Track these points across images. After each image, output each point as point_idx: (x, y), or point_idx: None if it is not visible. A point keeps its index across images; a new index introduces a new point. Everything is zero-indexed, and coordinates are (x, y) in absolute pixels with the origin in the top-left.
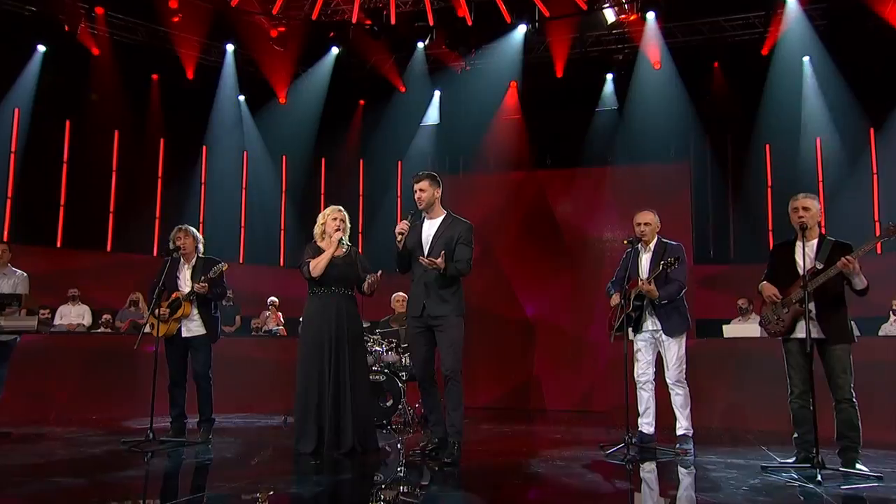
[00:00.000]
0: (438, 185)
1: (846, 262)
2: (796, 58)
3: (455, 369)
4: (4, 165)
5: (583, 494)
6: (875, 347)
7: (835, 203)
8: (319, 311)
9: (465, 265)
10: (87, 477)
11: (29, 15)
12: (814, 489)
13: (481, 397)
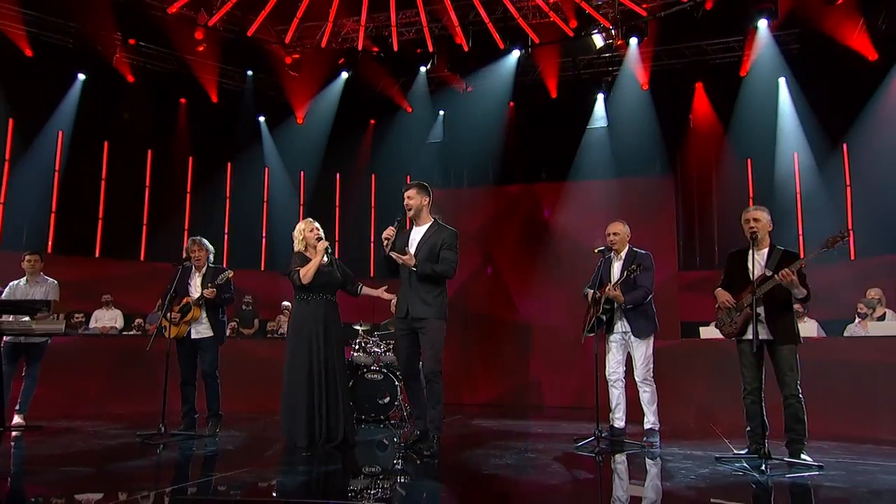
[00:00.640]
0: (426, 194)
1: (784, 274)
2: (772, 78)
3: (434, 371)
4: (49, 183)
5: (538, 484)
6: (836, 348)
7: (811, 213)
8: (307, 316)
9: (446, 266)
10: (96, 466)
11: (70, 47)
12: (755, 477)
13: (481, 395)
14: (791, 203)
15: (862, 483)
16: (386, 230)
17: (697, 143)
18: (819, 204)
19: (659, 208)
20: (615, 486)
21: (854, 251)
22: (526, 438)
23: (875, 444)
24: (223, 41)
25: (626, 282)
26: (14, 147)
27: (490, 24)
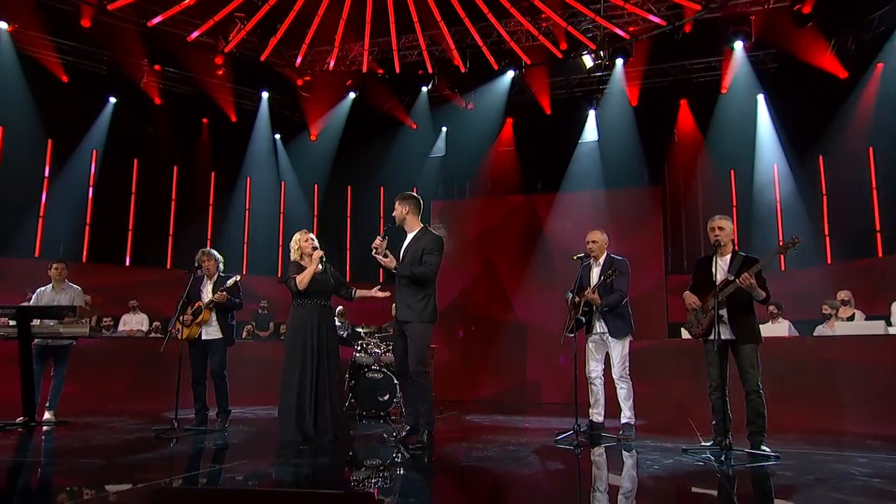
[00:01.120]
0: (408, 204)
1: (743, 278)
2: (751, 95)
3: (417, 371)
4: (84, 197)
5: (510, 473)
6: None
7: (791, 220)
8: (303, 320)
9: (425, 269)
10: (110, 458)
11: (103, 73)
12: (713, 466)
13: (481, 391)
14: (771, 211)
15: (811, 471)
16: (375, 240)
17: (682, 155)
18: (797, 212)
19: (647, 216)
20: (581, 476)
21: (830, 256)
22: (512, 433)
23: (837, 436)
24: (240, 65)
25: (603, 286)
26: (52, 165)
27: (485, 47)
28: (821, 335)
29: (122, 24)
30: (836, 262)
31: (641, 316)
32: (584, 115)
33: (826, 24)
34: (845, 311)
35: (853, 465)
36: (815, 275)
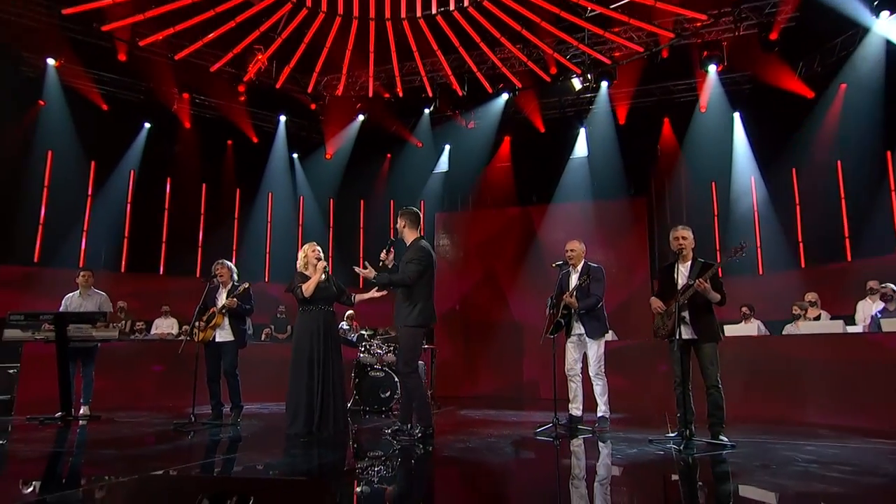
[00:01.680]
0: (405, 219)
1: (698, 283)
2: (727, 113)
3: (402, 371)
4: (123, 212)
5: (484, 462)
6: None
7: (768, 228)
8: (308, 325)
9: (401, 276)
10: (129, 449)
11: (139, 101)
12: (672, 454)
13: (482, 387)
14: (749, 218)
15: (758, 458)
16: (382, 253)
17: (665, 168)
18: (773, 219)
19: (633, 225)
20: (545, 463)
21: (803, 260)
22: (498, 426)
23: (796, 427)
24: (258, 92)
25: (580, 290)
26: (94, 185)
27: (479, 73)
28: (788, 334)
29: (154, 57)
30: (809, 266)
31: (628, 317)
32: (576, 132)
33: (794, 49)
34: (812, 311)
35: (799, 453)
36: (790, 277)
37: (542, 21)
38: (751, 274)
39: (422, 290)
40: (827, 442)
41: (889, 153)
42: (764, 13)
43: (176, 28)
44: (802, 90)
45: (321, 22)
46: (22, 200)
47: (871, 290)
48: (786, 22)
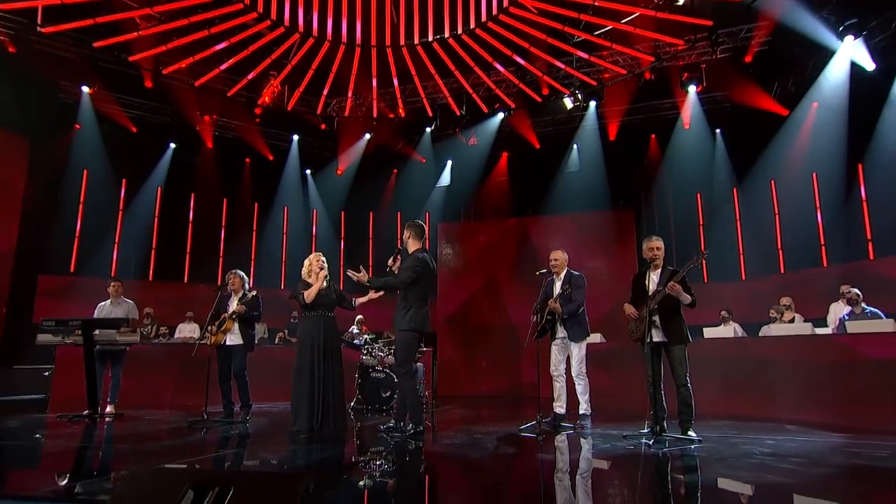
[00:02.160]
0: (410, 231)
1: (670, 286)
2: (710, 129)
3: (397, 372)
4: (150, 226)
5: (462, 456)
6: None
7: (749, 235)
8: (310, 329)
9: (394, 280)
10: (145, 444)
11: (165, 123)
12: (641, 448)
13: (483, 387)
14: (732, 228)
15: (720, 451)
16: (389, 260)
17: (653, 181)
18: (755, 229)
19: (622, 235)
20: (523, 457)
21: (783, 266)
22: (487, 422)
23: (764, 422)
24: (272, 113)
25: (563, 297)
26: (125, 200)
27: (475, 95)
28: (762, 336)
29: (177, 84)
30: (788, 272)
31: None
32: (569, 148)
33: (769, 70)
34: (788, 314)
35: (759, 447)
36: (770, 282)
37: (532, 47)
38: (734, 279)
39: (416, 297)
40: (788, 437)
41: (860, 165)
42: (739, 38)
43: (195, 57)
44: (777, 108)
45: (327, 50)
46: (59, 215)
47: (843, 294)
48: (759, 46)
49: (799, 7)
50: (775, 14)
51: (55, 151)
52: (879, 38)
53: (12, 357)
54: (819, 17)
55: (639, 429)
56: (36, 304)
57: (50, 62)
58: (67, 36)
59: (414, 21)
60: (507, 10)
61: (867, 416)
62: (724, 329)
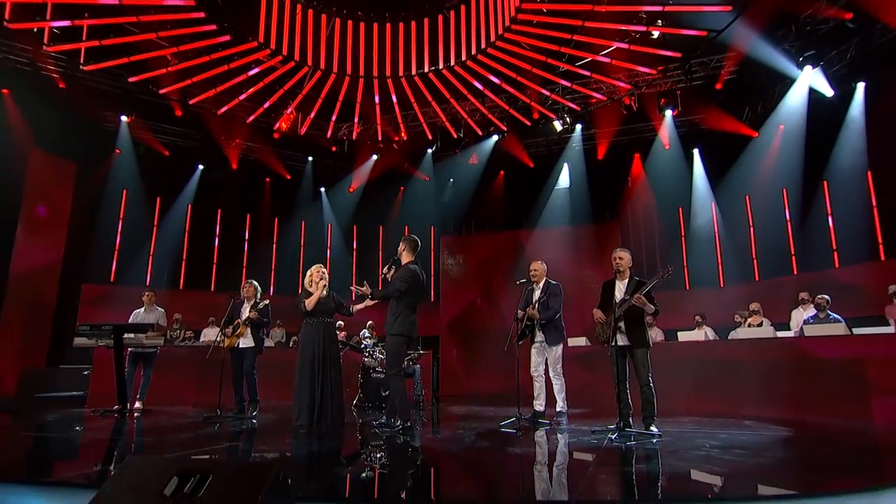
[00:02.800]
0: (404, 244)
1: (636, 298)
2: (688, 149)
3: (388, 373)
4: (181, 239)
5: (437, 449)
6: (716, 348)
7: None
8: (310, 335)
9: (387, 290)
10: (163, 436)
11: (193, 147)
12: (603, 442)
13: (482, 386)
14: (711, 239)
15: (674, 444)
16: (384, 269)
17: (636, 197)
18: (731, 240)
19: (609, 246)
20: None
21: (757, 274)
22: (473, 419)
23: (726, 418)
24: (288, 137)
25: (542, 304)
26: (159, 217)
27: (470, 120)
28: (730, 339)
29: (203, 112)
30: (762, 279)
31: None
32: (559, 166)
33: (739, 95)
34: (755, 319)
35: (711, 440)
36: (745, 289)
37: (519, 76)
38: (713, 287)
39: (406, 305)
40: (742, 431)
41: (825, 182)
42: (710, 67)
43: (218, 89)
44: (747, 130)
45: (334, 80)
46: (101, 230)
47: (802, 300)
48: (729, 74)
49: (763, 40)
50: (742, 46)
51: (98, 174)
52: (836, 67)
53: (58, 358)
54: (781, 50)
55: (608, 424)
56: (80, 310)
57: (93, 95)
58: (107, 72)
59: (412, 54)
60: (494, 45)
61: (820, 412)
62: (696, 333)
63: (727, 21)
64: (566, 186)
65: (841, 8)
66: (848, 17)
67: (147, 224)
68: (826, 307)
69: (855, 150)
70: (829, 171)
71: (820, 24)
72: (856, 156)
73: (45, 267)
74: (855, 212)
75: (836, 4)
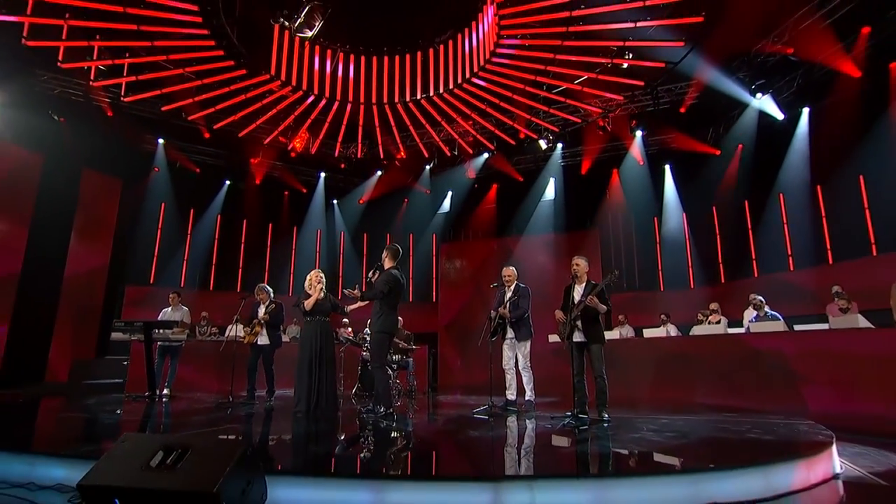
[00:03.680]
0: (386, 252)
1: (589, 299)
2: (660, 165)
3: (373, 365)
4: (211, 246)
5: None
6: (677, 343)
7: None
8: (309, 332)
9: (370, 292)
10: (181, 417)
11: (220, 165)
12: (558, 426)
13: (476, 379)
14: (682, 246)
15: (617, 429)
16: (369, 273)
17: (613, 208)
18: (700, 246)
19: (588, 251)
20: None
21: (723, 277)
22: (452, 407)
23: (680, 406)
24: (302, 156)
25: (512, 304)
26: (192, 226)
27: (461, 140)
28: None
29: (227, 134)
30: (727, 282)
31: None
32: (546, 180)
33: (700, 118)
34: (714, 317)
35: (652, 425)
36: (712, 290)
37: (501, 102)
38: (685, 288)
39: (388, 305)
40: (682, 416)
41: (781, 195)
42: (675, 93)
43: (238, 115)
44: (709, 149)
45: (338, 106)
46: (142, 238)
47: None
48: (693, 99)
49: (720, 70)
50: (702, 76)
51: (139, 189)
52: (785, 94)
53: (103, 350)
54: (735, 79)
55: (567, 412)
56: (124, 309)
57: (134, 122)
58: (144, 102)
59: (406, 83)
60: (477, 75)
61: (762, 400)
62: (660, 330)
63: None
64: (551, 198)
65: (784, 44)
66: (790, 52)
67: (181, 233)
68: (762, 306)
69: (802, 167)
70: (783, 184)
71: (769, 56)
72: (804, 171)
73: (93, 271)
74: (805, 221)
75: (780, 42)
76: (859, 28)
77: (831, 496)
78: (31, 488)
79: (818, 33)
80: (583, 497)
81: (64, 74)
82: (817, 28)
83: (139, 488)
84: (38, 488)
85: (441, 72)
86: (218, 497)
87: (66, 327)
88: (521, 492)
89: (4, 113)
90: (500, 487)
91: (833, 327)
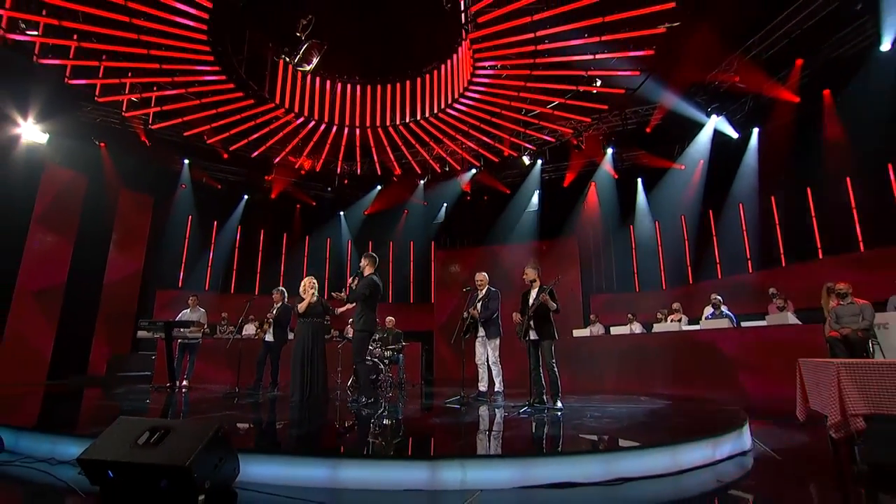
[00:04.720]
0: (365, 260)
1: (543, 298)
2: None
3: (355, 360)
4: (232, 254)
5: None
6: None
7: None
8: (304, 331)
9: (353, 295)
10: (193, 406)
11: (239, 181)
12: (514, 414)
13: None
14: (654, 251)
15: (567, 415)
16: (350, 279)
17: (590, 217)
18: (671, 251)
19: (568, 257)
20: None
21: (691, 278)
22: (434, 398)
23: (635, 395)
24: (311, 172)
25: (483, 306)
26: (215, 236)
27: (449, 158)
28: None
29: (242, 154)
30: (695, 282)
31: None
32: (530, 193)
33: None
34: (675, 315)
35: (597, 412)
36: (683, 291)
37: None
38: (657, 289)
39: (368, 307)
40: (631, 405)
41: (741, 205)
42: (641, 115)
43: (250, 138)
44: (674, 164)
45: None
46: (172, 247)
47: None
48: (658, 120)
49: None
50: (663, 100)
51: (168, 204)
52: (738, 116)
53: (136, 346)
54: (693, 102)
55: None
56: (155, 310)
57: (163, 145)
58: (171, 128)
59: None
60: (457, 101)
61: (710, 388)
62: (626, 328)
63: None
64: (535, 209)
65: (732, 73)
66: (736, 80)
67: (205, 242)
68: (720, 305)
69: (754, 179)
70: (741, 195)
71: (721, 83)
72: (755, 183)
73: (128, 277)
74: (759, 228)
75: (729, 71)
76: (793, 60)
77: (727, 469)
78: (51, 462)
79: (758, 65)
80: (508, 474)
81: (104, 105)
82: (758, 61)
83: (127, 462)
84: (57, 462)
85: (427, 98)
86: (190, 470)
87: (104, 327)
88: (453, 469)
89: (55, 141)
90: (436, 465)
91: (769, 324)
